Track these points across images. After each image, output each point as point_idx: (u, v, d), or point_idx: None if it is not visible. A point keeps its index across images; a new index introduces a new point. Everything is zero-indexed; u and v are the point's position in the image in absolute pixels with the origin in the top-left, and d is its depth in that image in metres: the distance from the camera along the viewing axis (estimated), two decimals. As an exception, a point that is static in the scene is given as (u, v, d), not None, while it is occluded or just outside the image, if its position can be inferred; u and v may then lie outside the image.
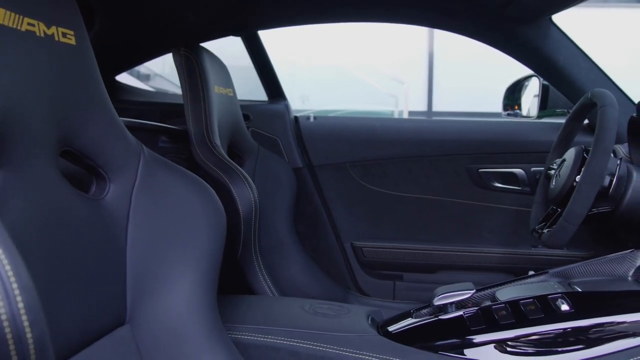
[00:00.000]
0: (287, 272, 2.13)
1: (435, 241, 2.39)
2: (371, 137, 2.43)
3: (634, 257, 1.59)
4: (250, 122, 2.41)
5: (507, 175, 2.35)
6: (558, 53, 2.06)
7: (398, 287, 2.40)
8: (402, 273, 2.41)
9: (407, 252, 2.38)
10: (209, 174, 1.81)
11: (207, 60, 1.94)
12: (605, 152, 1.51)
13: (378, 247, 2.40)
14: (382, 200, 2.43)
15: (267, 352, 1.31)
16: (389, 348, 1.30)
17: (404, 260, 2.38)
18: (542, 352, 1.24)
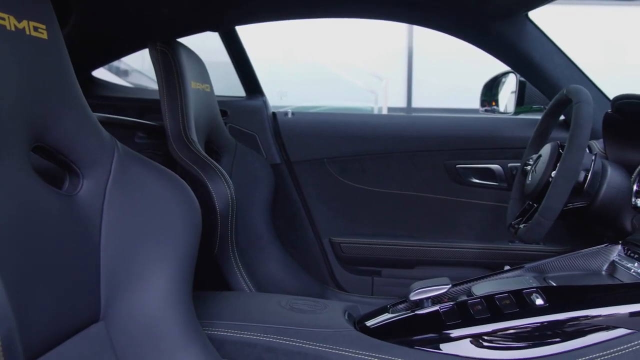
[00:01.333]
0: (264, 268, 2.13)
1: (413, 237, 2.40)
2: (349, 133, 2.43)
3: (608, 252, 1.61)
4: (227, 118, 2.40)
5: (485, 171, 2.36)
6: (534, 49, 2.07)
7: (376, 283, 2.41)
8: (380, 269, 2.41)
9: (385, 248, 2.38)
10: (186, 170, 1.79)
11: (184, 55, 1.93)
12: (580, 148, 1.52)
13: (356, 242, 2.41)
14: (360, 196, 2.43)
15: (243, 348, 1.31)
16: (365, 343, 1.30)
17: (382, 256, 2.39)
18: (517, 346, 1.25)
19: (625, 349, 1.19)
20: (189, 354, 1.12)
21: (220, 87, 2.58)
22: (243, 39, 2.42)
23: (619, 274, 1.53)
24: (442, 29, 2.14)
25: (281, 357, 1.29)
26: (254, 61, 2.51)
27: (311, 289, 2.24)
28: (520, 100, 2.27)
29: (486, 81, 2.42)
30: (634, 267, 1.47)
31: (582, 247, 1.66)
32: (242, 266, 1.87)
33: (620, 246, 1.61)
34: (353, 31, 6.69)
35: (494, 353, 1.25)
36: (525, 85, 2.25)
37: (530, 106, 2.28)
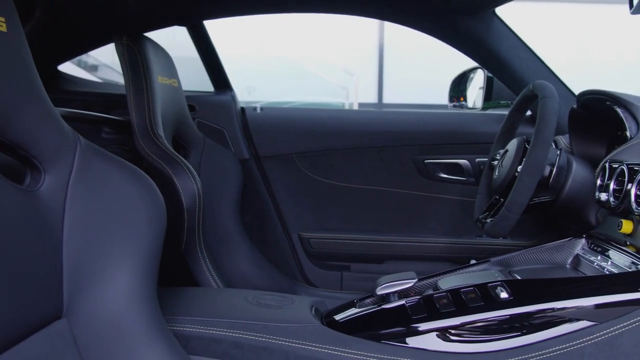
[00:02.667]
0: (233, 263, 2.12)
1: (381, 231, 2.41)
2: (318, 128, 2.43)
3: (572, 246, 1.63)
4: (195, 113, 2.38)
5: (453, 166, 2.38)
6: (501, 45, 2.09)
7: (345, 278, 2.41)
8: (349, 263, 2.42)
9: (354, 243, 2.39)
10: (152, 165, 1.78)
11: (151, 50, 1.91)
12: (545, 142, 1.53)
13: (325, 238, 2.41)
14: (329, 191, 2.43)
15: (210, 343, 1.30)
16: (331, 338, 1.30)
17: (351, 251, 2.39)
18: (482, 340, 1.26)
19: (588, 340, 1.21)
20: (153, 350, 1.11)
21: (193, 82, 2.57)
22: (212, 34, 2.41)
23: (583, 267, 1.55)
24: (409, 24, 2.15)
25: (247, 353, 1.28)
26: (224, 57, 2.50)
27: (280, 284, 2.24)
28: (488, 96, 2.29)
29: (454, 77, 2.44)
30: (597, 260, 1.49)
31: (548, 241, 1.68)
32: (209, 262, 1.86)
33: (584, 240, 1.63)
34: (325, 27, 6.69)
35: (459, 346, 1.26)
36: (492, 80, 2.27)
37: (497, 101, 2.30)
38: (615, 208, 1.48)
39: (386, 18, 2.21)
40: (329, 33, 6.83)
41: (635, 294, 1.23)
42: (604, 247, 1.52)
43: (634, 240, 1.43)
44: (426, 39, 2.20)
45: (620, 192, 1.46)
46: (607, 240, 1.54)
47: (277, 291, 1.85)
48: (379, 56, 7.18)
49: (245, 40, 6.62)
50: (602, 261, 1.48)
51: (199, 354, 1.30)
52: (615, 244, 1.49)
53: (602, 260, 1.48)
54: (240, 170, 2.28)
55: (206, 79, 2.53)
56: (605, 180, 1.55)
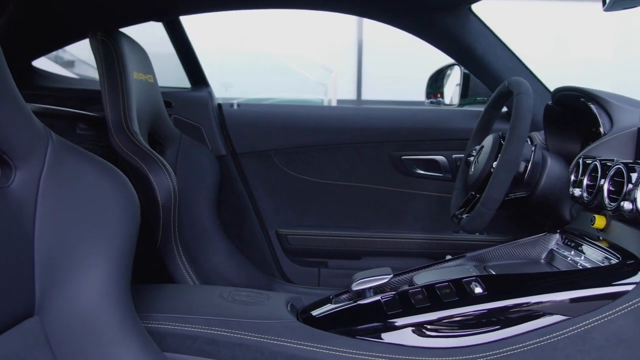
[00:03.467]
0: (210, 260, 2.11)
1: (359, 228, 2.41)
2: (295, 125, 2.43)
3: (546, 241, 1.65)
4: (172, 109, 2.36)
5: (430, 162, 2.39)
6: (477, 42, 2.10)
7: (323, 274, 2.42)
8: (327, 260, 2.42)
9: (331, 239, 2.39)
10: (127, 162, 1.77)
11: (126, 45, 1.90)
12: (520, 139, 1.54)
13: (303, 234, 2.41)
14: (307, 188, 2.43)
15: (184, 340, 1.29)
16: (307, 334, 1.30)
17: (329, 247, 2.39)
18: (456, 334, 1.27)
19: (561, 334, 1.22)
20: (127, 348, 1.11)
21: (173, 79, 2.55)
22: (189, 30, 2.40)
23: (557, 262, 1.57)
24: (387, 21, 2.15)
25: (222, 349, 1.28)
26: (201, 53, 2.49)
27: (257, 281, 2.23)
28: (465, 92, 2.30)
29: (431, 73, 2.45)
30: (570, 255, 1.51)
31: (524, 236, 1.69)
32: (185, 259, 1.85)
33: (558, 235, 1.65)
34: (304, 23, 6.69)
35: (434, 341, 1.27)
36: (469, 77, 2.28)
37: (474, 98, 2.31)
38: (588, 203, 1.49)
39: (364, 15, 2.21)
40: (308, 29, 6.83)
41: (608, 288, 1.25)
42: (577, 242, 1.54)
43: (607, 235, 1.44)
44: (405, 35, 2.21)
45: (593, 188, 1.47)
46: (580, 236, 1.55)
47: (254, 288, 1.85)
48: (358, 53, 7.19)
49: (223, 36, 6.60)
50: (576, 256, 1.49)
51: (173, 351, 1.29)
52: (589, 239, 1.50)
53: (576, 255, 1.49)
54: (217, 167, 2.27)
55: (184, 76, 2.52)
56: (578, 176, 1.56)
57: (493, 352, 1.22)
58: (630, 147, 1.52)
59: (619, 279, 1.25)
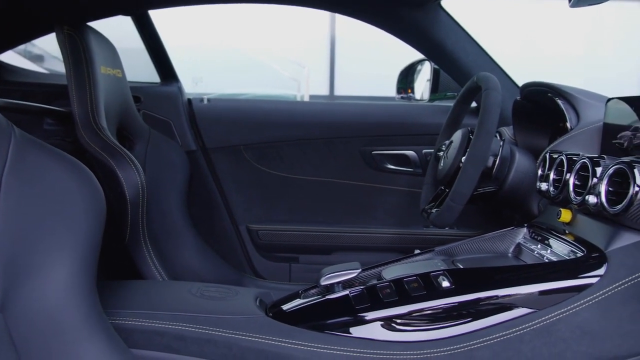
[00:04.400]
0: (180, 256, 2.10)
1: (330, 223, 2.41)
2: (265, 120, 2.42)
3: (514, 235, 1.66)
4: (141, 104, 2.34)
5: (400, 157, 2.40)
6: (447, 38, 2.11)
7: (294, 269, 2.42)
8: (298, 255, 2.42)
9: (302, 234, 2.39)
10: (95, 157, 1.75)
11: (93, 39, 1.87)
12: (488, 134, 1.55)
13: (273, 229, 2.40)
14: (277, 183, 2.42)
15: (152, 336, 1.28)
16: (275, 329, 1.30)
17: (300, 242, 2.39)
18: (424, 328, 1.27)
19: (527, 327, 1.23)
20: (93, 345, 1.10)
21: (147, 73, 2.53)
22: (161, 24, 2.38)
23: (524, 256, 1.58)
24: (357, 15, 2.15)
25: (190, 345, 1.27)
26: (172, 48, 2.47)
27: (228, 276, 2.22)
28: (435, 88, 2.32)
29: (402, 69, 2.46)
30: (537, 249, 1.52)
31: (493, 230, 1.71)
32: (154, 255, 1.84)
33: (525, 229, 1.66)
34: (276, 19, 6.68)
35: (402, 335, 1.27)
36: (439, 72, 2.29)
37: (444, 93, 2.32)
38: (555, 197, 1.51)
39: (334, 9, 2.21)
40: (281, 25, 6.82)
41: (573, 281, 1.26)
42: (544, 235, 1.55)
43: (573, 228, 1.46)
44: (379, 32, 2.21)
45: (559, 182, 1.49)
46: (547, 229, 1.57)
47: (225, 283, 1.84)
48: (331, 48, 7.19)
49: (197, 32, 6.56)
50: (542, 249, 1.50)
51: (141, 347, 1.28)
52: (555, 232, 1.52)
53: (542, 248, 1.51)
54: (187, 162, 2.25)
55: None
56: (545, 171, 1.58)
57: (460, 345, 1.23)
58: (595, 141, 1.54)
59: (584, 271, 1.26)
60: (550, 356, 1.21)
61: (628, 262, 1.21)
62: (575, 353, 1.20)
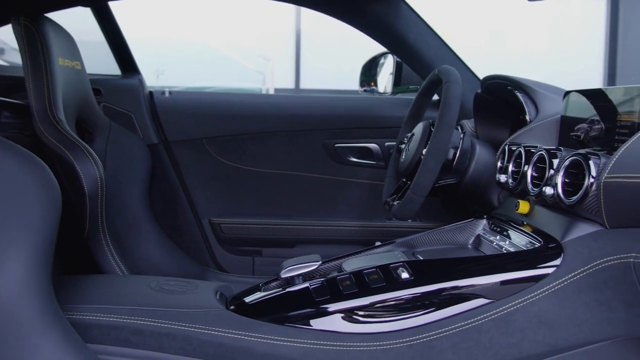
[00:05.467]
0: (142, 250, 2.08)
1: (293, 216, 2.41)
2: (228, 113, 2.41)
3: (473, 226, 1.68)
4: (101, 97, 2.31)
5: (363, 150, 2.40)
6: (409, 31, 2.11)
7: (257, 263, 2.41)
8: (261, 248, 2.42)
9: (265, 228, 2.38)
10: (53, 151, 1.73)
11: (51, 31, 1.84)
12: (449, 126, 1.56)
13: (236, 223, 2.39)
14: (240, 176, 2.42)
15: (110, 331, 1.27)
16: (235, 322, 1.29)
17: (263, 236, 2.39)
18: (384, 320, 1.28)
19: (485, 317, 1.24)
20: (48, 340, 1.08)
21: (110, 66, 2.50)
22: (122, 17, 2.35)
23: (483, 247, 1.60)
24: (319, 8, 2.15)
25: (149, 339, 1.26)
26: (137, 41, 2.44)
27: (190, 270, 2.21)
28: (398, 81, 2.32)
29: (365, 62, 2.46)
30: (496, 240, 1.53)
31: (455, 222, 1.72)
32: (114, 249, 1.82)
33: (485, 220, 1.68)
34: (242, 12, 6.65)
35: (362, 327, 1.28)
36: (402, 66, 2.29)
37: (407, 86, 2.33)
38: (513, 189, 1.53)
39: (297, 2, 2.20)
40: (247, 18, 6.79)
41: (530, 271, 1.27)
42: (503, 227, 1.57)
43: (531, 220, 1.48)
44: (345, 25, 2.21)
45: (518, 174, 1.50)
46: (506, 221, 1.58)
47: (187, 277, 1.83)
48: (296, 42, 7.18)
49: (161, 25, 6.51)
50: (501, 241, 1.52)
51: (99, 342, 1.27)
52: (514, 224, 1.53)
53: (501, 239, 1.52)
54: (148, 156, 2.23)
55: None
56: (504, 163, 1.59)
57: (419, 336, 1.24)
58: (554, 133, 1.56)
59: (541, 262, 1.27)
60: (508, 346, 1.22)
61: (583, 252, 1.23)
62: (532, 342, 1.22)
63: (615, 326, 1.19)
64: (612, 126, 1.33)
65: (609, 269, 1.18)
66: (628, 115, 1.29)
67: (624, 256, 1.16)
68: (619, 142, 1.27)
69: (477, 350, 1.22)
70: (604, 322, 1.20)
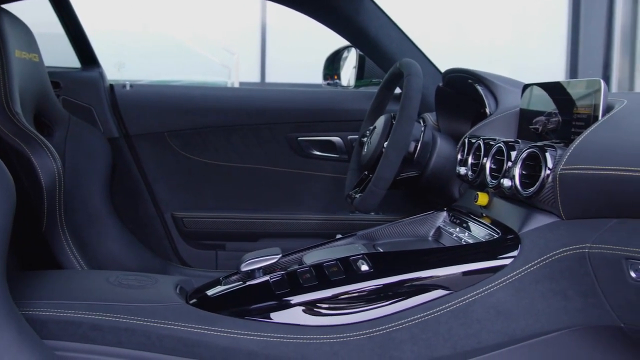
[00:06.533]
0: (102, 245, 2.06)
1: (256, 209, 2.41)
2: (190, 106, 2.39)
3: (434, 218, 1.69)
4: (60, 90, 2.28)
5: (326, 143, 2.40)
6: (370, 24, 2.11)
7: (220, 257, 2.40)
8: (224, 242, 2.40)
9: (229, 222, 2.37)
10: (9, 144, 1.69)
11: (7, 22, 1.81)
12: (409, 119, 1.57)
13: (199, 217, 2.38)
14: (203, 170, 2.40)
15: (67, 327, 1.25)
16: (195, 316, 1.29)
17: (226, 230, 2.38)
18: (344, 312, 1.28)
19: (444, 308, 1.25)
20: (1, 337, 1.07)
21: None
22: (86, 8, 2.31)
23: (443, 239, 1.61)
24: (282, 1, 2.14)
25: (107, 335, 1.25)
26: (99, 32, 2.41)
27: (152, 265, 2.19)
28: (360, 74, 2.33)
29: (328, 55, 2.46)
30: (456, 232, 1.55)
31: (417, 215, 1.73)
32: (73, 244, 1.80)
33: (445, 212, 1.69)
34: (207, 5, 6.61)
35: (322, 319, 1.28)
36: (364, 59, 2.30)
37: (370, 80, 2.34)
38: (473, 181, 1.54)
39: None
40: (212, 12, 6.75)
41: (488, 262, 1.29)
42: (463, 219, 1.58)
43: (489, 211, 1.49)
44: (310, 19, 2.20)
45: (477, 166, 1.52)
46: (466, 213, 1.60)
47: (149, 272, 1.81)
48: (262, 36, 7.15)
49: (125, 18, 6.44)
50: (461, 232, 1.53)
51: (56, 338, 1.25)
52: (474, 216, 1.55)
53: (461, 231, 1.54)
54: (109, 149, 2.21)
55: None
56: (464, 155, 1.61)
57: (379, 327, 1.24)
58: (513, 126, 1.58)
59: (499, 253, 1.29)
60: (467, 336, 1.24)
61: (540, 243, 1.24)
62: (490, 333, 1.23)
63: (572, 316, 1.21)
64: (569, 119, 1.34)
65: (564, 260, 1.20)
66: (584, 108, 1.31)
67: (579, 247, 1.17)
68: (575, 134, 1.29)
69: (435, 341, 1.23)
70: (560, 311, 1.22)
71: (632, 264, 1.06)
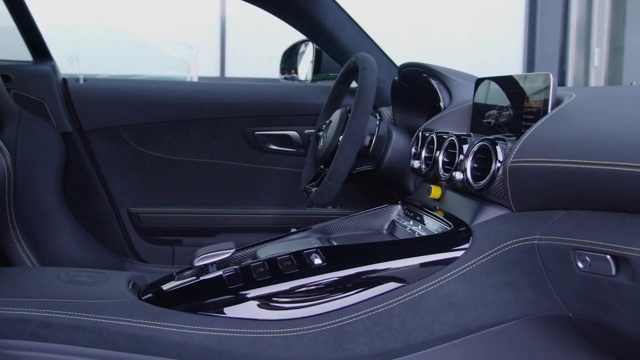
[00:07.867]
0: (55, 242, 2.03)
1: (213, 204, 2.39)
2: (146, 100, 2.37)
3: (388, 212, 1.70)
4: (11, 84, 2.23)
5: (283, 138, 2.40)
6: (327, 18, 2.12)
7: (177, 252, 2.38)
8: (182, 238, 2.39)
9: (185, 217, 2.36)
10: None
11: None
12: (364, 113, 1.58)
13: (156, 212, 2.36)
14: (159, 165, 2.38)
15: (16, 325, 1.23)
16: (147, 312, 1.27)
17: (183, 225, 2.36)
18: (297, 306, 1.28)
19: (397, 301, 1.26)
20: None
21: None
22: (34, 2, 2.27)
23: (397, 232, 1.62)
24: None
25: (58, 332, 1.23)
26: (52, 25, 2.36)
27: (107, 261, 2.16)
28: (317, 68, 2.33)
29: (285, 49, 2.45)
30: (409, 225, 1.56)
31: (372, 208, 1.74)
32: (24, 240, 1.77)
33: (399, 206, 1.70)
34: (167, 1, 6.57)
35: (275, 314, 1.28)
36: (321, 53, 2.30)
37: (327, 74, 2.34)
38: (426, 174, 1.55)
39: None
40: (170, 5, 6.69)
41: (440, 255, 1.30)
42: (417, 212, 1.59)
43: (442, 204, 1.50)
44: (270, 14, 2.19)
45: (430, 160, 1.53)
46: (420, 206, 1.61)
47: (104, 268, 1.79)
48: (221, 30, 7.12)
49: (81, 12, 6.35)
50: (414, 225, 1.54)
51: (5, 336, 1.23)
52: (427, 209, 1.56)
53: (414, 224, 1.55)
54: (62, 144, 2.17)
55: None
56: (418, 149, 1.62)
57: (332, 321, 1.25)
58: (466, 120, 1.59)
59: (451, 245, 1.30)
60: (419, 328, 1.24)
61: (491, 235, 1.26)
62: (442, 324, 1.24)
63: (522, 306, 1.23)
64: (520, 112, 1.36)
65: (514, 251, 1.21)
66: (534, 101, 1.32)
67: (528, 238, 1.19)
68: (525, 127, 1.30)
69: (389, 334, 1.24)
70: (511, 302, 1.23)
71: (579, 255, 1.08)
